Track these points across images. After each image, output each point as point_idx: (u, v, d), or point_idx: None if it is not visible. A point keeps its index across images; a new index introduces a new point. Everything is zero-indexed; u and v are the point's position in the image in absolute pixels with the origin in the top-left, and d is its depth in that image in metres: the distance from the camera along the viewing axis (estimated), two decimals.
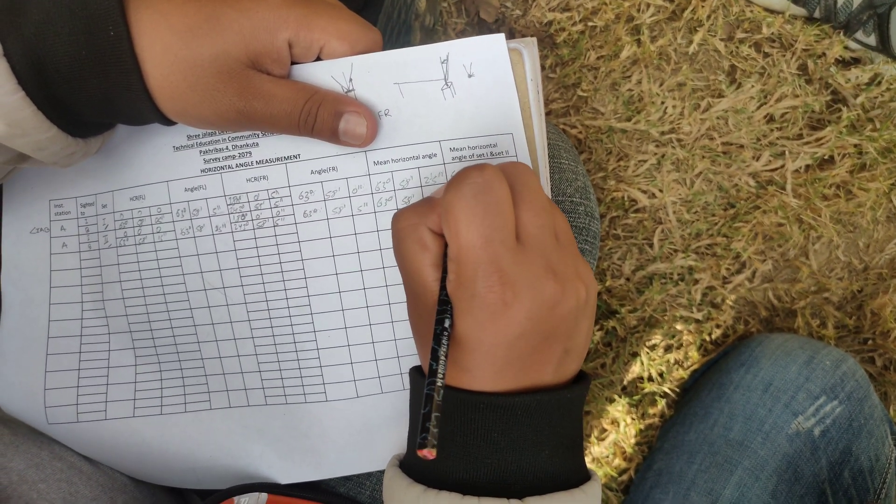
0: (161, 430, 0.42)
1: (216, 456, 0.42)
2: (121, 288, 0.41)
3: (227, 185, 0.39)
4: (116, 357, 0.41)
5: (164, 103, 0.33)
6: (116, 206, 0.40)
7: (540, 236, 0.30)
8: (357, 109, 0.36)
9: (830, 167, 0.76)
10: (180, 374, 0.41)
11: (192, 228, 0.40)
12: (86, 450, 0.42)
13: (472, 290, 0.29)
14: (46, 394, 0.41)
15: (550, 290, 0.29)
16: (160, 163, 0.39)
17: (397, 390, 0.40)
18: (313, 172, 0.38)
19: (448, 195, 0.29)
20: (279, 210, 0.39)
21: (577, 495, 0.30)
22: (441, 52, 0.36)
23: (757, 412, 0.57)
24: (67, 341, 0.41)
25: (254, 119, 0.34)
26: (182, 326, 0.41)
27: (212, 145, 0.38)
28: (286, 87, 0.34)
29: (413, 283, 0.32)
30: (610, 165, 0.78)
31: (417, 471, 0.32)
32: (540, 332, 0.30)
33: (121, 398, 0.41)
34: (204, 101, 0.33)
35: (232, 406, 0.41)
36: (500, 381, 0.30)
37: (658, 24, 0.77)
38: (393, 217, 0.33)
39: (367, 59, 0.36)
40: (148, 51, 0.32)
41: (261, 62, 0.33)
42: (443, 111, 0.37)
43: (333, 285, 0.39)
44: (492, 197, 0.29)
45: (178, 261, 0.40)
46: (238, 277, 0.40)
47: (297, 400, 0.40)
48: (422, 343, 0.33)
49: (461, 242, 0.29)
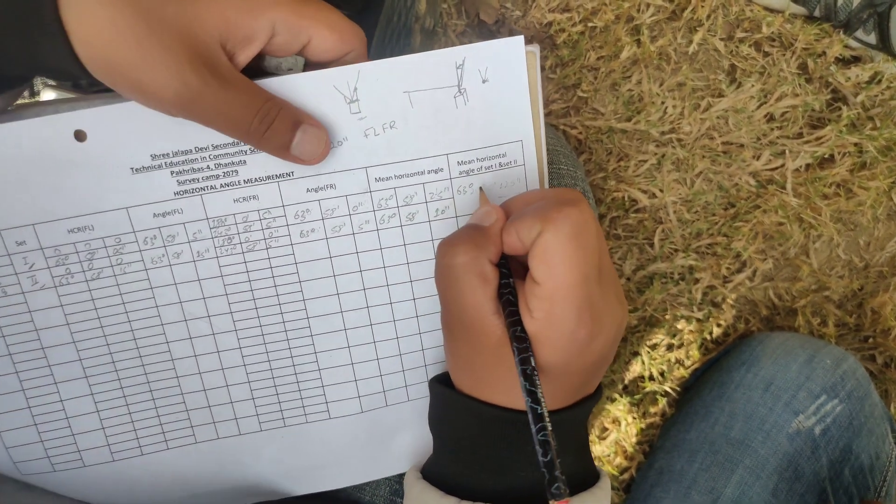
0: (147, 469, 0.40)
1: (213, 481, 0.41)
2: (69, 331, 0.37)
3: (209, 207, 0.36)
4: (72, 406, 0.38)
5: (91, 53, 0.28)
6: (45, 241, 0.35)
7: (610, 267, 0.31)
8: (316, 124, 0.33)
9: (831, 166, 0.76)
10: (154, 412, 0.39)
11: (165, 256, 0.36)
12: (72, 493, 0.40)
13: (565, 326, 0.28)
14: (10, 451, 0.38)
15: (620, 314, 0.30)
16: (113, 188, 0.35)
17: (402, 402, 0.40)
18: (309, 190, 0.36)
19: (548, 234, 0.28)
20: (272, 231, 0.37)
21: (598, 493, 0.32)
22: (457, 57, 0.34)
23: (758, 411, 0.57)
24: (10, 398, 0.38)
25: (199, 102, 0.29)
26: (156, 363, 0.38)
27: (187, 164, 0.35)
28: (246, 81, 0.31)
29: (468, 317, 0.30)
30: (610, 166, 0.78)
31: (445, 483, 0.33)
32: (607, 356, 0.31)
33: (93, 446, 0.39)
34: (147, 61, 0.28)
35: (220, 437, 0.40)
36: (563, 402, 0.32)
37: (658, 24, 0.77)
38: (443, 249, 0.31)
39: (376, 66, 0.34)
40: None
41: (231, 40, 0.30)
42: (453, 121, 0.35)
43: (335, 305, 0.38)
44: (591, 236, 0.29)
45: (149, 292, 0.37)
46: (226, 304, 0.38)
47: (297, 421, 0.40)
48: (471, 374, 0.32)
49: (560, 283, 0.28)
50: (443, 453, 0.34)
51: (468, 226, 0.32)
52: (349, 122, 0.35)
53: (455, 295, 0.30)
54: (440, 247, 0.31)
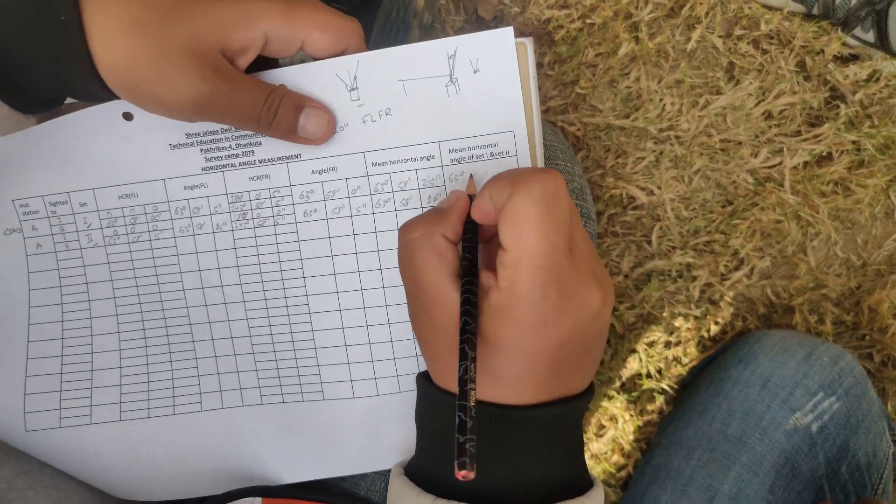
0: (149, 433, 0.41)
1: (207, 459, 0.41)
2: (112, 287, 0.40)
3: (229, 183, 0.39)
4: (100, 360, 0.41)
5: (115, 79, 0.32)
6: (101, 204, 0.39)
7: (584, 247, 0.30)
8: (318, 106, 0.35)
9: (828, 164, 0.76)
10: (170, 374, 0.41)
11: (191, 226, 0.39)
12: (66, 460, 0.41)
13: (528, 297, 0.28)
14: (27, 399, 0.40)
15: (597, 299, 0.29)
16: (154, 161, 0.39)
17: (393, 392, 0.40)
18: (314, 172, 0.38)
19: (518, 197, 0.28)
20: (280, 209, 0.39)
21: (585, 502, 0.31)
22: (449, 48, 0.36)
23: (755, 408, 0.57)
24: (48, 345, 0.40)
25: (213, 106, 0.33)
26: (177, 325, 0.41)
27: (214, 143, 0.38)
28: (250, 78, 0.34)
29: (427, 294, 0.31)
30: (608, 163, 0.78)
31: (424, 479, 0.32)
32: (582, 342, 0.30)
33: (106, 402, 0.41)
34: (163, 78, 0.31)
35: (224, 407, 0.41)
36: (538, 393, 0.30)
37: (656, 21, 0.77)
38: (401, 228, 0.32)
39: (374, 55, 0.36)
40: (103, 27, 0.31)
41: (229, 50, 0.32)
42: (445, 109, 0.36)
43: (331, 285, 0.39)
44: (561, 205, 0.28)
45: (175, 258, 0.40)
46: (237, 276, 0.40)
47: (294, 398, 0.40)
48: (434, 356, 0.32)
49: (528, 248, 0.28)
50: (423, 448, 0.34)
51: (426, 211, 0.33)
52: (350, 108, 0.37)
53: (413, 272, 0.31)
54: (399, 229, 0.32)
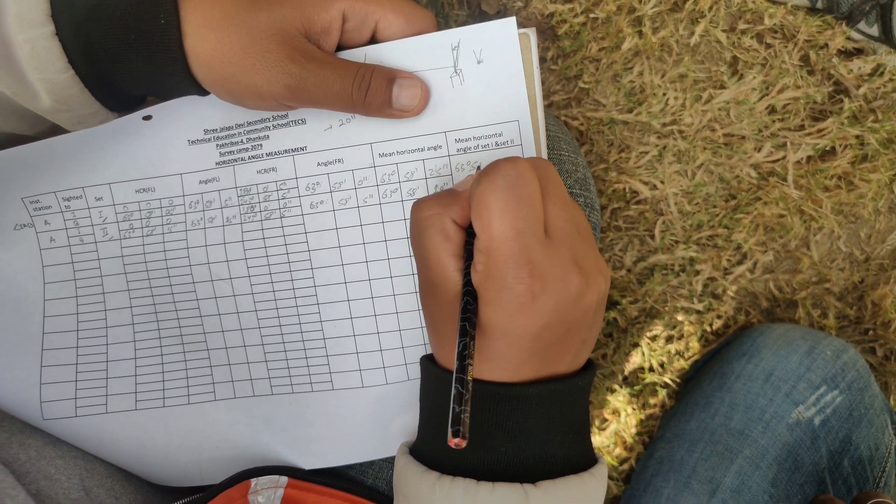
0: (164, 422, 0.41)
1: (221, 447, 0.42)
2: (126, 280, 0.41)
3: (238, 176, 0.39)
4: (115, 351, 0.41)
5: (210, 72, 0.33)
6: (117, 198, 0.40)
7: (566, 230, 0.30)
8: (409, 76, 0.35)
9: (832, 158, 0.76)
10: (184, 365, 0.41)
11: (203, 220, 0.40)
12: (84, 445, 0.42)
13: (501, 281, 0.29)
14: (42, 388, 0.41)
15: (576, 283, 0.29)
16: (173, 156, 0.39)
17: (402, 381, 0.40)
18: (320, 164, 0.38)
19: (481, 186, 0.29)
20: (286, 201, 0.39)
21: (587, 478, 0.31)
22: (452, 39, 0.36)
23: (758, 401, 0.57)
24: (63, 336, 0.41)
25: (304, 87, 0.33)
26: (188, 318, 0.41)
27: (228, 138, 0.39)
28: (336, 58, 0.34)
29: (432, 273, 0.32)
30: (611, 157, 0.78)
31: (430, 458, 0.33)
32: (564, 323, 0.30)
33: (122, 391, 0.41)
34: (256, 65, 0.32)
35: (237, 397, 0.41)
36: (522, 372, 0.31)
37: (660, 16, 0.77)
38: (413, 205, 0.33)
39: (380, 48, 0.36)
40: (197, 24, 0.32)
41: (313, 32, 0.33)
42: (450, 100, 0.37)
43: (339, 276, 0.39)
44: (525, 190, 0.29)
45: (185, 252, 0.40)
46: (245, 268, 0.40)
47: (304, 389, 0.41)
48: (437, 333, 0.33)
49: (493, 234, 0.29)
50: (426, 428, 0.34)
51: (444, 190, 0.34)
52: None
53: (420, 248, 0.32)
54: (412, 205, 0.33)
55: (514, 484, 0.30)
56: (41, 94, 0.33)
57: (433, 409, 0.34)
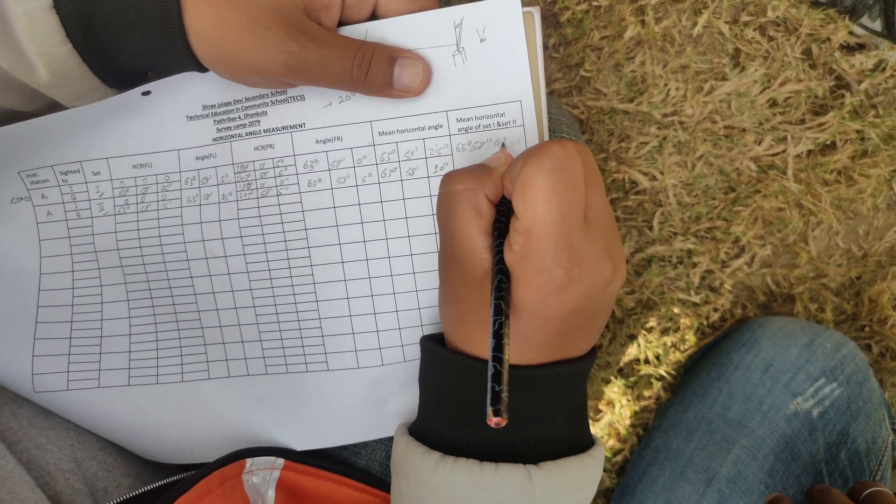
0: (157, 399, 0.41)
1: (214, 425, 0.41)
2: (118, 256, 0.40)
3: (235, 153, 0.38)
4: (109, 326, 0.41)
5: (210, 49, 0.32)
6: (115, 173, 0.39)
7: (602, 217, 0.30)
8: (412, 55, 0.35)
9: (832, 153, 0.76)
10: (178, 342, 0.41)
11: (199, 196, 0.39)
12: (76, 419, 0.41)
13: (540, 263, 0.28)
14: (35, 361, 0.41)
15: (608, 270, 0.30)
16: (171, 132, 0.38)
17: (398, 362, 0.40)
18: (318, 142, 0.38)
19: (528, 167, 0.28)
20: (283, 179, 0.38)
21: (587, 459, 0.32)
22: (455, 17, 0.35)
23: (756, 392, 0.57)
24: (58, 311, 0.41)
25: (304, 66, 0.33)
26: (182, 295, 0.41)
27: (226, 114, 0.38)
28: (337, 35, 0.33)
29: (460, 248, 0.31)
30: (611, 147, 0.77)
31: (429, 439, 0.32)
32: (589, 309, 0.30)
33: (115, 367, 0.41)
34: (255, 43, 0.32)
35: (231, 375, 0.41)
36: (542, 354, 0.31)
37: (663, 6, 0.76)
38: (445, 177, 0.32)
39: (382, 24, 0.35)
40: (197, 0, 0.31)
41: (313, 8, 0.33)
42: (452, 79, 0.36)
43: (336, 255, 0.39)
44: (572, 174, 0.28)
45: (180, 229, 0.40)
46: (240, 246, 0.39)
47: (299, 369, 0.40)
48: (457, 309, 0.32)
49: (538, 216, 0.28)
50: (427, 409, 0.34)
51: (476, 164, 0.33)
52: None
53: (449, 222, 0.31)
54: (443, 177, 0.32)
55: (517, 465, 0.30)
56: (39, 68, 0.32)
57: (435, 391, 0.34)
